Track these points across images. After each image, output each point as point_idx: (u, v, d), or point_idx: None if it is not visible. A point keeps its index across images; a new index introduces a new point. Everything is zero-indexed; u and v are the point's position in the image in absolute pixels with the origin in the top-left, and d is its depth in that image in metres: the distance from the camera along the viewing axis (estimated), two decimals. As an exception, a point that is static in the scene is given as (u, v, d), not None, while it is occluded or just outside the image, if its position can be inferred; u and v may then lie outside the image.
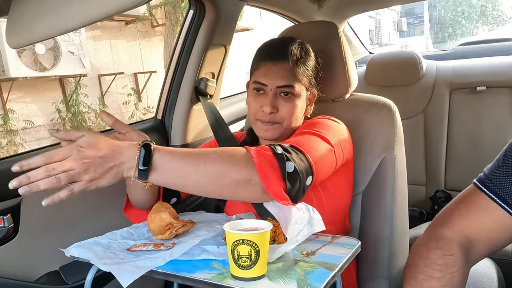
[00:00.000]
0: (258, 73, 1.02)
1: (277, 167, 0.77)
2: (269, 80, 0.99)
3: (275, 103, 0.99)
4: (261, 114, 1.01)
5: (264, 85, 1.00)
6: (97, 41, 6.86)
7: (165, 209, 0.89)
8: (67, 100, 6.35)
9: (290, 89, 0.99)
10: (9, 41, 0.81)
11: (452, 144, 1.90)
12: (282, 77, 0.99)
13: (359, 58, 2.57)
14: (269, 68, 1.00)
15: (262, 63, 1.01)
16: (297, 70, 1.00)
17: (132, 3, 0.60)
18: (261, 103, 1.01)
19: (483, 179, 0.79)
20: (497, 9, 24.62)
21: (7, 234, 1.03)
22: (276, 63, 0.99)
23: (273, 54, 1.01)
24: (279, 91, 0.99)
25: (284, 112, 1.00)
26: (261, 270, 0.69)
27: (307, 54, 1.04)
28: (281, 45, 1.02)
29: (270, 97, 0.99)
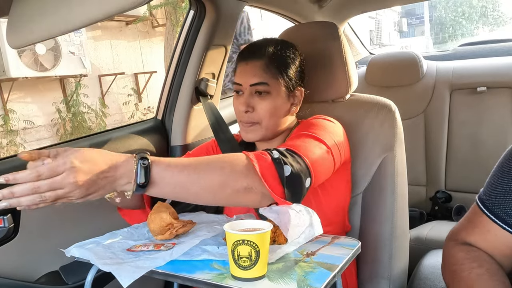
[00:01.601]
0: (236, 75, 1.04)
1: (275, 172, 0.77)
2: (243, 79, 1.01)
3: (250, 102, 1.00)
4: (241, 114, 1.02)
5: (239, 85, 1.02)
6: (98, 41, 6.86)
7: (166, 209, 0.89)
8: (68, 100, 6.35)
9: (264, 87, 0.99)
10: (10, 41, 0.82)
11: (453, 144, 1.90)
12: (255, 75, 0.99)
13: (360, 59, 2.57)
14: (243, 68, 1.02)
15: (238, 64, 1.04)
16: (271, 68, 0.99)
17: (132, 3, 0.60)
18: (238, 103, 1.02)
19: (483, 199, 0.80)
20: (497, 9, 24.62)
21: (7, 234, 1.03)
22: (249, 63, 1.00)
23: (246, 54, 1.02)
24: (253, 89, 1.00)
25: (261, 111, 0.99)
26: (261, 271, 0.69)
27: (284, 51, 1.02)
28: (255, 46, 1.04)
29: (245, 96, 1.00)
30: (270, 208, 0.81)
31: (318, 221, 0.79)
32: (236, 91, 1.04)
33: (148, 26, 7.54)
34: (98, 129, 6.50)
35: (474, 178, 1.84)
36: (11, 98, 5.77)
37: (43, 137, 6.23)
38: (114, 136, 1.29)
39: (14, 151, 5.60)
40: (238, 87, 1.03)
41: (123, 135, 1.31)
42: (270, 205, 0.82)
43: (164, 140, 1.44)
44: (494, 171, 0.81)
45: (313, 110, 1.14)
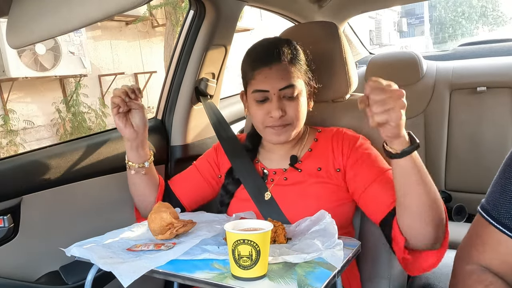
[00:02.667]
0: (255, 82, 0.99)
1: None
2: (270, 85, 0.97)
3: (282, 106, 0.98)
4: (270, 120, 0.99)
5: (265, 92, 0.98)
6: (98, 41, 6.86)
7: (166, 209, 0.89)
8: (67, 100, 6.35)
9: (292, 89, 0.98)
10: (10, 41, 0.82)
11: (452, 144, 1.90)
12: (282, 78, 0.97)
13: (360, 59, 2.57)
14: (266, 73, 0.98)
15: (257, 70, 0.99)
16: (293, 68, 0.99)
17: (132, 3, 0.60)
18: (267, 110, 0.99)
19: (488, 209, 0.75)
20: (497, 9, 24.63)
21: (7, 234, 1.03)
22: (272, 67, 0.97)
23: (266, 58, 0.99)
24: (282, 93, 0.98)
25: (292, 113, 0.99)
26: (262, 270, 0.69)
27: (296, 49, 1.03)
28: (271, 48, 1.00)
29: (275, 101, 0.97)
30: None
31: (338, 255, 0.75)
32: (260, 100, 0.99)
33: (148, 26, 7.54)
34: (98, 129, 6.49)
35: (474, 178, 1.84)
36: (11, 98, 5.77)
37: (43, 137, 6.22)
38: (114, 136, 1.29)
39: (14, 151, 5.60)
40: (263, 95, 0.98)
41: (123, 135, 1.31)
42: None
43: (164, 140, 1.44)
44: (496, 179, 0.76)
45: (313, 110, 1.14)
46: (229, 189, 1.10)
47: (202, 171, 1.16)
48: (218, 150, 1.17)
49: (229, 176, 1.11)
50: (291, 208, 1.00)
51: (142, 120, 1.04)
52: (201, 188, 1.16)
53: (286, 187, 1.03)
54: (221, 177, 1.14)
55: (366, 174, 0.96)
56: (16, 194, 1.04)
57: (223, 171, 1.14)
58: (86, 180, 1.18)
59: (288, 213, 1.00)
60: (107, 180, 1.23)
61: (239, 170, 1.08)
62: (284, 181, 1.04)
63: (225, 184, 1.11)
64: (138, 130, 1.04)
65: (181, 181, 1.17)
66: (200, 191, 1.16)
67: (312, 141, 1.08)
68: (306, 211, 0.96)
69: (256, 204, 1.03)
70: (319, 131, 1.10)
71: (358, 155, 1.00)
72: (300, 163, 1.05)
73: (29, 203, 1.06)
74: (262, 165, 1.10)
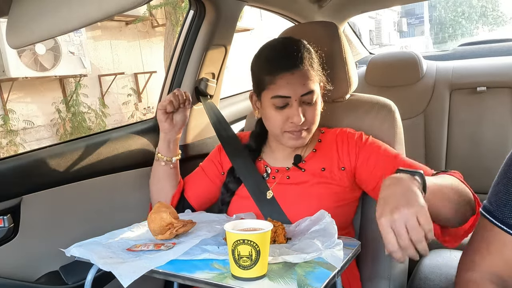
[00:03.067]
0: (275, 87, 0.96)
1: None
2: (292, 91, 0.95)
3: (302, 112, 0.97)
4: (290, 125, 0.98)
5: (287, 98, 0.96)
6: (97, 41, 6.86)
7: (166, 209, 0.89)
8: (67, 100, 6.35)
9: (312, 95, 0.97)
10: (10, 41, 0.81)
11: (452, 144, 1.90)
12: (304, 84, 0.96)
13: (359, 59, 2.57)
14: (288, 79, 0.95)
15: (279, 76, 0.95)
16: (312, 73, 0.98)
17: (132, 3, 0.60)
18: (286, 116, 0.97)
19: (491, 210, 0.73)
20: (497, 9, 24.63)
21: (7, 234, 1.03)
22: (294, 73, 0.95)
23: (287, 64, 0.96)
24: (302, 99, 0.97)
25: (311, 118, 0.99)
26: (262, 270, 0.69)
27: (311, 52, 1.02)
28: (291, 52, 0.97)
29: (296, 107, 0.96)
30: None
31: (337, 256, 0.75)
32: (280, 106, 0.97)
33: (148, 26, 7.53)
34: (98, 129, 6.49)
35: (474, 177, 1.83)
36: (11, 98, 5.77)
37: (42, 137, 6.22)
38: (113, 136, 1.29)
39: (13, 151, 5.60)
40: (285, 101, 0.96)
41: (123, 135, 1.31)
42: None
43: (164, 140, 1.44)
44: (497, 179, 0.75)
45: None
46: (230, 187, 1.10)
47: (208, 172, 1.17)
48: (221, 149, 1.18)
49: (230, 175, 1.11)
50: (292, 208, 1.00)
51: (182, 119, 1.14)
52: (209, 189, 1.17)
53: (288, 186, 1.03)
54: (224, 174, 1.15)
55: (382, 166, 0.97)
56: (16, 194, 1.04)
57: (226, 169, 1.14)
58: (86, 180, 1.18)
59: (289, 213, 1.00)
60: (107, 180, 1.23)
61: (240, 169, 1.09)
62: (287, 179, 1.04)
63: (226, 183, 1.11)
64: (176, 126, 1.13)
65: (190, 184, 1.18)
66: (208, 192, 1.17)
67: (316, 141, 1.08)
68: (307, 211, 0.96)
69: (256, 203, 1.03)
70: (323, 132, 1.11)
71: (369, 151, 1.01)
72: (304, 163, 1.05)
73: (29, 203, 1.06)
74: (265, 163, 1.10)
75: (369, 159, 1.00)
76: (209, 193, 1.17)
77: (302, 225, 0.91)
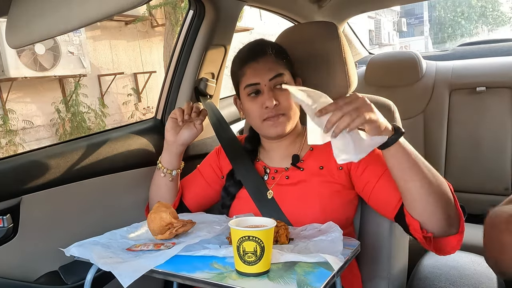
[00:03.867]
0: (245, 77, 1.03)
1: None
2: (259, 77, 1.01)
3: (274, 96, 1.00)
4: (266, 112, 1.01)
5: (256, 84, 1.01)
6: (97, 41, 6.86)
7: (165, 209, 0.89)
8: (67, 100, 6.35)
9: (281, 78, 1.01)
10: (9, 41, 0.81)
11: (452, 144, 1.90)
12: (270, 69, 1.01)
13: (359, 59, 2.57)
14: (254, 67, 1.02)
15: (246, 66, 1.03)
16: (280, 60, 1.03)
17: (131, 3, 0.60)
18: (261, 103, 1.01)
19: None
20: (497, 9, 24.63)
21: (7, 234, 1.03)
22: (259, 61, 1.02)
23: (253, 54, 1.03)
24: (272, 84, 1.01)
25: (285, 102, 1.01)
26: (266, 266, 0.70)
27: (280, 47, 1.07)
28: (256, 45, 1.05)
29: (267, 92, 1.00)
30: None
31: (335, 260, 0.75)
32: (253, 92, 1.02)
33: (148, 26, 7.53)
34: (97, 129, 6.49)
35: (473, 177, 1.84)
36: (10, 98, 5.77)
37: (42, 137, 6.22)
38: (113, 136, 1.29)
39: (13, 151, 5.60)
40: (255, 88, 1.02)
41: (123, 135, 1.31)
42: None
43: (163, 140, 1.43)
44: None
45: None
46: (230, 191, 1.10)
47: (206, 176, 1.18)
48: (219, 152, 1.18)
49: (230, 178, 1.11)
50: (292, 208, 1.00)
51: (189, 135, 1.10)
52: (206, 193, 1.17)
53: (288, 186, 1.03)
54: (223, 177, 1.15)
55: (373, 170, 0.97)
56: (15, 194, 1.04)
57: (225, 172, 1.14)
58: (86, 180, 1.18)
59: (289, 213, 0.99)
60: (106, 180, 1.23)
61: (239, 170, 1.09)
62: (286, 180, 1.04)
63: (226, 186, 1.11)
64: (179, 141, 1.10)
65: (187, 187, 1.18)
66: (205, 196, 1.18)
67: None
68: (307, 211, 0.96)
69: (256, 203, 1.03)
70: None
71: None
72: (302, 162, 1.05)
73: (28, 203, 1.06)
74: (263, 164, 1.10)
75: (359, 166, 0.99)
76: (207, 197, 1.18)
77: (309, 231, 0.91)
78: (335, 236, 0.82)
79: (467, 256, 1.21)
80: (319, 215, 0.96)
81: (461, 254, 1.22)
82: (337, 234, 0.83)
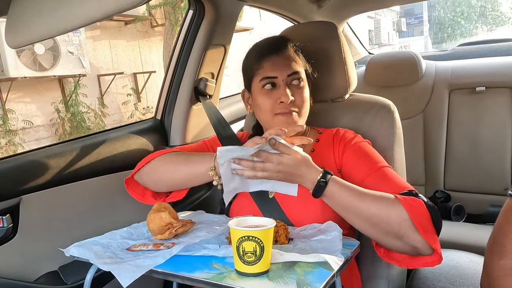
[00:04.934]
0: (263, 70, 1.01)
1: (429, 218, 0.83)
2: (278, 71, 1.00)
3: (291, 93, 1.00)
4: (280, 106, 1.00)
5: (274, 78, 1.01)
6: (97, 41, 6.85)
7: (165, 209, 0.89)
8: (66, 100, 6.34)
9: (299, 75, 1.02)
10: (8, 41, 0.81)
11: (452, 144, 1.90)
12: (289, 65, 1.01)
13: (359, 59, 2.57)
14: (274, 61, 1.01)
15: (265, 59, 1.02)
16: (298, 58, 1.04)
17: (131, 3, 0.60)
18: (275, 97, 1.00)
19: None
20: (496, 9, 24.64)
21: (6, 234, 1.03)
22: (279, 54, 1.02)
23: (274, 47, 1.03)
24: (289, 79, 1.01)
25: (299, 99, 1.01)
26: (266, 266, 0.70)
27: (296, 45, 1.08)
28: (276, 39, 1.06)
29: (284, 87, 1.00)
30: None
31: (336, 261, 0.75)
32: (270, 84, 1.01)
33: (147, 26, 7.52)
34: (97, 129, 6.49)
35: (473, 177, 1.84)
36: (10, 98, 5.76)
37: (42, 137, 6.22)
38: (113, 136, 1.29)
39: (13, 151, 5.59)
40: (272, 80, 1.01)
41: (122, 135, 1.31)
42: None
43: (163, 140, 1.44)
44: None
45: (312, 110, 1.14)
46: None
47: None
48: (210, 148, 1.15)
49: None
50: (293, 207, 1.00)
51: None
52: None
53: None
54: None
55: (360, 168, 0.97)
56: (15, 194, 1.04)
57: None
58: (85, 180, 1.18)
59: (290, 212, 0.99)
60: (106, 180, 1.23)
61: None
62: None
63: None
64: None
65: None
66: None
67: (314, 142, 1.08)
68: (308, 212, 0.95)
69: (257, 203, 1.03)
70: (320, 132, 1.11)
71: (352, 150, 1.01)
72: None
73: (28, 203, 1.06)
74: None
75: (350, 158, 1.00)
76: None
77: (308, 231, 0.91)
78: (335, 235, 0.82)
79: (467, 256, 1.21)
80: (319, 215, 0.96)
81: (461, 254, 1.22)
82: (336, 233, 0.83)
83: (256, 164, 0.87)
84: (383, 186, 0.91)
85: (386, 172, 0.95)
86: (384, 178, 0.93)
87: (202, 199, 1.44)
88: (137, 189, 1.09)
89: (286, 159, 0.86)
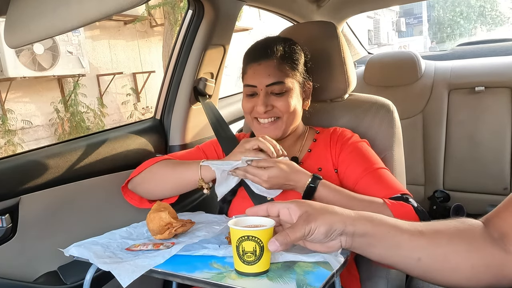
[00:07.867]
0: (246, 77, 1.03)
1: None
2: (257, 80, 1.01)
3: (267, 102, 1.00)
4: (255, 113, 1.03)
5: (253, 87, 1.01)
6: (96, 41, 6.84)
7: (164, 208, 0.89)
8: (66, 100, 6.33)
9: (280, 86, 1.00)
10: (8, 41, 0.81)
11: (451, 144, 1.90)
12: (269, 75, 1.00)
13: (358, 58, 2.57)
14: (255, 69, 1.01)
15: (249, 66, 1.03)
16: (284, 66, 1.01)
17: (131, 3, 0.60)
18: (253, 104, 1.02)
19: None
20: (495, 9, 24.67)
21: (5, 234, 1.03)
22: (261, 63, 1.01)
23: (257, 55, 1.02)
24: (269, 89, 1.00)
25: (281, 107, 1.01)
26: (265, 265, 0.70)
27: (291, 48, 1.04)
28: (265, 45, 1.03)
29: (261, 97, 1.00)
30: None
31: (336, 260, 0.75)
32: (250, 94, 1.03)
33: (147, 26, 7.52)
34: (96, 128, 6.48)
35: (472, 177, 1.85)
36: (9, 98, 5.76)
37: (41, 137, 6.21)
38: (112, 135, 1.29)
39: (12, 151, 5.58)
40: (252, 89, 1.02)
41: (122, 134, 1.31)
42: None
43: (162, 140, 1.44)
44: None
45: (312, 109, 1.15)
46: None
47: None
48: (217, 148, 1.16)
49: None
50: None
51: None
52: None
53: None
54: None
55: (355, 169, 0.97)
56: (14, 194, 1.04)
57: None
58: (85, 180, 1.18)
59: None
60: (105, 180, 1.23)
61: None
62: None
63: None
64: None
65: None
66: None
67: (311, 141, 1.08)
68: None
69: (255, 204, 1.03)
70: (318, 132, 1.11)
71: (349, 150, 1.01)
72: (301, 164, 1.05)
73: (27, 203, 1.06)
74: None
75: (347, 158, 1.00)
76: None
77: None
78: None
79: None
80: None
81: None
82: None
83: (248, 177, 0.93)
84: (376, 189, 0.91)
85: (380, 174, 0.95)
86: (378, 181, 0.94)
87: (201, 199, 1.44)
88: (134, 196, 1.11)
89: (273, 172, 0.90)
